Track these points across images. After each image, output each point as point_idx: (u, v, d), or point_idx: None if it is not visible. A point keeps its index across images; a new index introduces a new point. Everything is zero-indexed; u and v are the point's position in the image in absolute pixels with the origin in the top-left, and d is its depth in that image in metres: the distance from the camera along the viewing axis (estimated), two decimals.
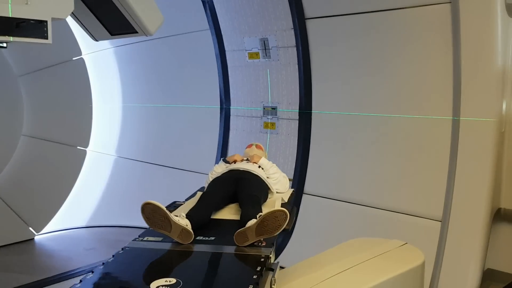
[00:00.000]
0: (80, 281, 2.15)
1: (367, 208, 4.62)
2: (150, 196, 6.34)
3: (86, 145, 6.19)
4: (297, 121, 5.17)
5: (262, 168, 3.26)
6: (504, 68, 3.97)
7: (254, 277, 2.10)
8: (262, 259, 2.30)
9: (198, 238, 2.55)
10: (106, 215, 6.16)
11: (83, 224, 6.12)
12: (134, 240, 2.69)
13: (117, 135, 6.38)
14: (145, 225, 6.30)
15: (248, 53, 5.46)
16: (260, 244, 2.49)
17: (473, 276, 3.92)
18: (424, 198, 4.28)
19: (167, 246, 2.52)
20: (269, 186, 3.17)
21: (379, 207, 4.46)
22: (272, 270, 2.40)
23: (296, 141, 5.18)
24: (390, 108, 4.50)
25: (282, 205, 3.03)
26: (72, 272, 4.69)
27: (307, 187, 5.10)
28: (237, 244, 2.45)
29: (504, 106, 4.01)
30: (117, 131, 6.39)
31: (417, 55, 4.30)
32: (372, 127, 4.62)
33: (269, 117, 5.44)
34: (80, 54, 6.10)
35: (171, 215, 2.50)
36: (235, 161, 3.38)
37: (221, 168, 3.33)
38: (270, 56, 5.27)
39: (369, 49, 4.59)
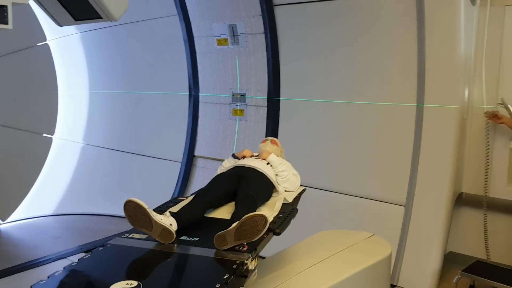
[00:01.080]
0: (48, 277, 2.09)
1: (334, 194, 4.68)
2: (118, 183, 6.32)
3: (52, 132, 6.08)
4: (266, 108, 5.18)
5: (271, 165, 3.12)
6: (467, 56, 4.06)
7: (217, 286, 2.00)
8: (235, 266, 2.21)
9: (182, 238, 2.46)
10: (74, 203, 6.08)
11: (50, 212, 6.02)
12: (120, 236, 2.57)
13: (84, 122, 6.27)
14: (112, 212, 6.23)
15: (216, 39, 5.42)
16: (241, 248, 2.35)
17: (435, 259, 4.03)
18: (389, 184, 4.36)
19: (148, 245, 2.43)
20: (275, 185, 3.03)
21: (346, 193, 4.53)
22: (246, 277, 2.27)
23: (265, 128, 5.20)
24: (356, 95, 4.54)
25: (284, 205, 2.94)
26: (38, 261, 4.62)
27: None
28: (216, 247, 2.36)
29: (466, 93, 4.10)
30: (84, 118, 6.28)
31: (382, 42, 4.35)
32: (338, 114, 4.67)
33: (238, 104, 5.43)
34: (45, 39, 5.95)
35: (153, 214, 2.42)
36: (244, 157, 3.27)
37: (229, 163, 3.26)
38: (238, 42, 5.24)
39: (336, 36, 4.61)
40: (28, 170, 5.85)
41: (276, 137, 5.15)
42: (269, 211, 2.77)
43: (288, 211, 2.85)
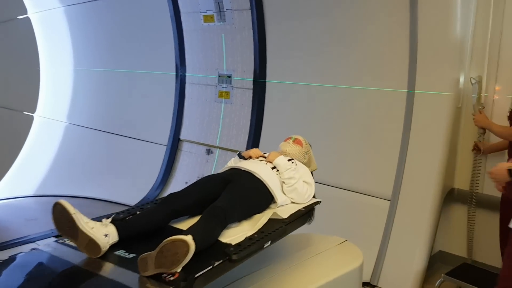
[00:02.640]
0: None
1: (319, 185, 4.38)
2: (102, 165, 6.09)
3: (33, 110, 5.86)
4: (251, 91, 4.88)
5: (277, 170, 2.68)
6: (464, 41, 3.69)
7: None
8: None
9: (117, 252, 2.06)
10: (56, 184, 5.88)
11: (31, 193, 5.84)
12: (55, 240, 2.26)
13: (68, 101, 6.04)
14: (95, 195, 6.00)
15: (203, 15, 5.11)
16: (168, 277, 1.84)
17: (419, 258, 3.71)
18: (375, 176, 4.04)
19: (76, 257, 2.06)
20: (273, 194, 2.55)
21: (328, 184, 4.22)
22: None
23: (250, 112, 4.90)
24: (345, 79, 4.22)
25: (274, 222, 2.40)
26: (6, 244, 4.42)
27: None
28: (139, 272, 1.90)
29: (462, 80, 3.74)
30: (68, 97, 6.05)
31: (374, 24, 4.00)
32: (325, 100, 4.35)
33: (224, 85, 5.14)
34: (26, 12, 5.70)
35: (80, 221, 2.04)
36: (250, 157, 2.85)
37: (232, 164, 2.87)
38: (225, 19, 4.93)
39: (326, 18, 4.28)
40: (7, 149, 5.65)
41: (261, 122, 4.86)
42: (250, 228, 2.32)
43: (269, 231, 2.26)
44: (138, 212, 2.40)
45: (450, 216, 4.06)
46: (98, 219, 2.22)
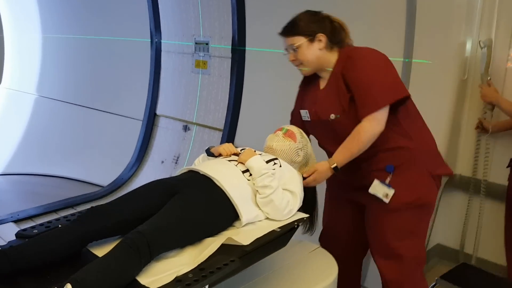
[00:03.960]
0: None
1: None
2: (75, 141, 5.60)
3: None
4: (230, 60, 4.31)
5: (250, 175, 2.06)
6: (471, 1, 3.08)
7: None
8: None
9: None
10: (25, 161, 5.43)
11: None
12: None
13: (37, 71, 5.53)
14: (68, 175, 5.51)
15: None
16: None
17: None
18: None
19: None
20: (237, 210, 1.92)
21: None
22: None
23: (228, 85, 4.35)
24: None
25: (228, 251, 1.73)
26: None
27: (238, 140, 4.32)
28: None
29: (468, 46, 3.15)
30: (37, 67, 5.53)
31: None
32: None
33: (201, 54, 4.58)
34: None
35: None
36: (220, 155, 2.24)
37: (197, 164, 2.32)
38: None
39: None
40: None
41: (241, 95, 4.31)
42: (191, 259, 1.70)
43: (212, 268, 1.60)
44: (46, 230, 1.81)
45: (450, 206, 3.52)
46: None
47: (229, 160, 2.15)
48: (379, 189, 2.38)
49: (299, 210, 2.28)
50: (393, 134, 2.34)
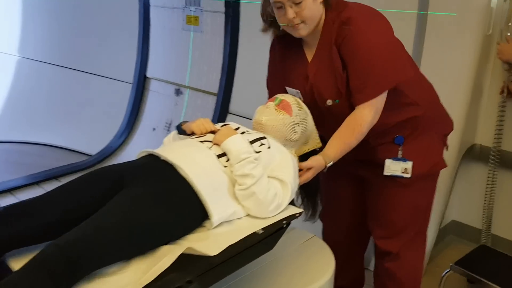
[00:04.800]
0: None
1: None
2: (62, 105, 5.23)
3: None
4: (224, 15, 3.87)
5: (228, 160, 1.65)
6: None
7: None
8: None
9: None
10: (8, 128, 5.10)
11: None
12: None
13: (19, 31, 5.11)
14: (56, 143, 5.15)
15: None
16: None
17: (429, 228, 2.85)
18: None
19: None
20: (206, 207, 1.52)
21: None
22: None
23: (222, 43, 3.92)
24: None
25: (192, 263, 1.34)
26: None
27: (233, 106, 3.93)
28: None
29: None
30: (18, 25, 5.10)
31: None
32: None
33: (192, 8, 4.13)
34: None
35: None
36: (192, 133, 1.83)
37: (164, 144, 1.91)
38: None
39: None
40: None
41: (236, 55, 3.89)
42: (132, 280, 1.30)
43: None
44: None
45: (468, 179, 3.14)
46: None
47: (202, 141, 1.72)
48: (395, 167, 2.06)
49: (304, 199, 1.96)
50: (401, 106, 2.00)
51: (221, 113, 3.93)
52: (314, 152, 2.03)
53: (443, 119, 2.22)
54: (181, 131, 1.88)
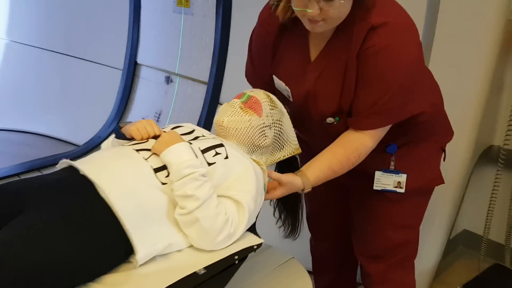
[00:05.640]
0: None
1: None
2: (51, 92, 4.93)
3: None
4: None
5: (167, 175, 1.30)
6: None
7: None
8: None
9: None
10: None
11: None
12: None
13: (6, 12, 4.80)
14: (43, 131, 4.85)
15: None
16: None
17: (435, 240, 2.51)
18: None
19: None
20: (130, 238, 1.19)
21: None
22: None
23: (213, 25, 3.57)
24: None
25: None
26: None
27: (224, 96, 3.58)
28: None
29: None
30: (6, 7, 4.79)
31: None
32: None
33: None
34: None
35: None
36: (132, 139, 1.48)
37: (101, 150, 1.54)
38: None
39: None
40: None
41: (228, 39, 3.53)
42: None
43: None
44: None
45: (483, 185, 2.77)
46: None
47: (139, 150, 1.37)
48: (386, 181, 1.75)
49: (281, 214, 1.64)
50: None
51: (211, 104, 3.59)
52: (293, 159, 1.69)
53: (445, 126, 1.89)
54: (119, 134, 1.53)
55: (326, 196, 2.00)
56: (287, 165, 1.71)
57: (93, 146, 4.41)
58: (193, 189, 1.25)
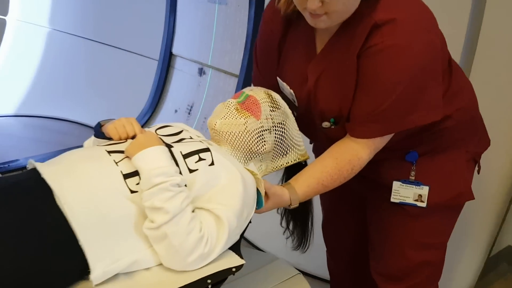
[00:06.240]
0: None
1: None
2: (88, 82, 4.95)
3: (5, 13, 4.79)
4: None
5: (139, 182, 1.15)
6: None
7: None
8: None
9: None
10: (38, 102, 4.91)
11: (11, 112, 4.93)
12: None
13: (49, 1, 4.85)
14: (82, 120, 4.90)
15: None
16: None
17: (472, 258, 2.26)
18: None
19: None
20: (85, 254, 1.06)
21: None
22: None
23: (246, 16, 3.42)
24: None
25: None
26: None
27: None
28: None
29: None
30: None
31: None
32: None
33: None
34: None
35: None
36: (110, 139, 1.35)
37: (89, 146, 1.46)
38: None
39: None
40: None
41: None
42: None
43: None
44: None
45: None
46: None
47: (111, 151, 1.23)
48: (406, 193, 1.54)
49: (289, 224, 1.50)
50: None
51: None
52: (299, 165, 1.52)
53: (478, 134, 1.63)
54: (98, 133, 1.40)
55: (340, 205, 1.82)
56: (298, 170, 1.53)
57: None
58: (162, 201, 1.10)
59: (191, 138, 1.36)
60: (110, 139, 1.36)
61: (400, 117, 1.32)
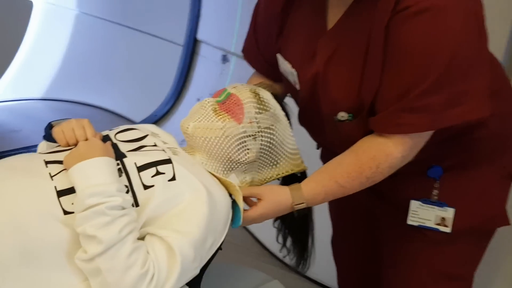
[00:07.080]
0: None
1: None
2: (115, 67, 4.89)
3: None
4: None
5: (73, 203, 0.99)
6: None
7: None
8: None
9: None
10: (65, 87, 4.87)
11: (38, 96, 4.92)
12: None
13: None
14: (105, 105, 4.84)
15: None
16: None
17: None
18: None
19: None
20: None
21: None
22: None
23: None
24: None
25: None
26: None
27: None
28: None
29: None
30: None
31: None
32: None
33: None
34: None
35: None
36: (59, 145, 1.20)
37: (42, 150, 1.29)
38: None
39: None
40: (4, 43, 4.68)
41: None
42: None
43: None
44: None
45: None
46: None
47: (50, 162, 1.07)
48: (426, 215, 1.30)
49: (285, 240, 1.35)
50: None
51: None
52: (295, 177, 1.34)
53: None
54: (48, 136, 1.22)
55: (350, 220, 1.62)
56: (296, 180, 1.35)
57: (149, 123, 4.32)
58: (95, 227, 0.92)
59: (154, 145, 1.17)
60: (57, 145, 1.19)
61: (446, 104, 1.06)
